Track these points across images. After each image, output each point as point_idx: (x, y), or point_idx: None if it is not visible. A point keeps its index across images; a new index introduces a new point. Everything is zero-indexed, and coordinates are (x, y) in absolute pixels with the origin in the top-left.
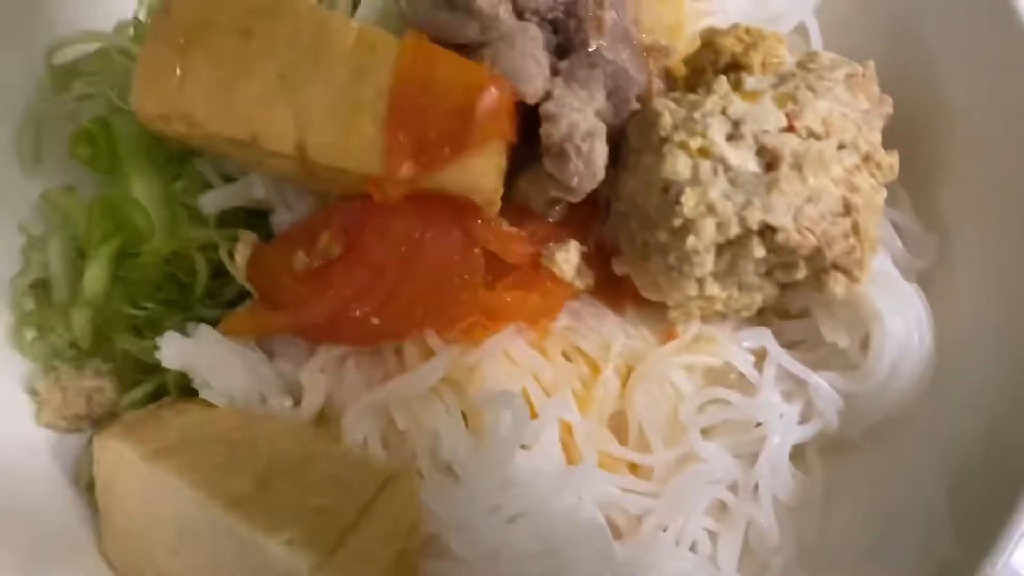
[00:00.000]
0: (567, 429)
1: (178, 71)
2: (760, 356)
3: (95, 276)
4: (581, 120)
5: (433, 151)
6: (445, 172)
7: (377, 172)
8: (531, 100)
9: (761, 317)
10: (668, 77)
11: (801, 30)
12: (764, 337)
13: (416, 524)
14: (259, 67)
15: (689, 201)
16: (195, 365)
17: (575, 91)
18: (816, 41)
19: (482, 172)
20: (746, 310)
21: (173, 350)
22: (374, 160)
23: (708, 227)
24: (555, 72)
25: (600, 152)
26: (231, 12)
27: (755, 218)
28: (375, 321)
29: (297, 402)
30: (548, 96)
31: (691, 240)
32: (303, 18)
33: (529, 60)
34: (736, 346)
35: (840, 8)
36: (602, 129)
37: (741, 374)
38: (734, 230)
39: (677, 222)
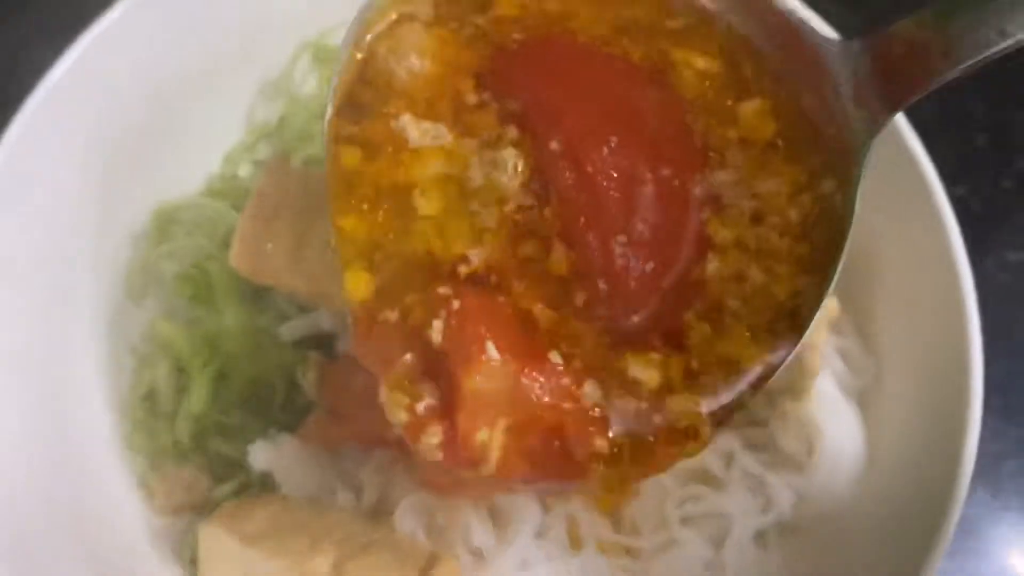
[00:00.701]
0: (573, 521)
1: (266, 240)
2: (729, 458)
3: (199, 396)
4: None
5: None
6: None
7: None
8: None
9: (731, 425)
10: None
11: None
12: (732, 443)
13: None
14: (320, 240)
15: None
16: (277, 467)
17: None
18: None
19: None
20: None
21: (261, 455)
22: None
23: None
24: None
25: None
26: (303, 197)
27: None
28: None
29: (358, 495)
30: None
31: None
32: None
33: None
34: (710, 451)
35: None
36: None
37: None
38: None
39: None
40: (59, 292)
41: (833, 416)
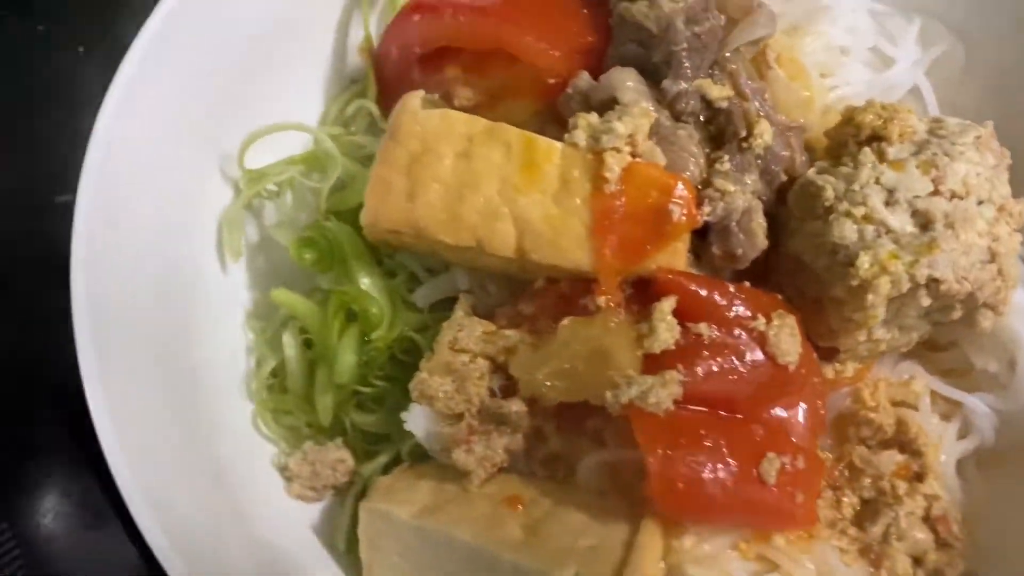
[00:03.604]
0: None
1: (407, 191)
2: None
3: (347, 362)
4: (740, 201)
5: (637, 247)
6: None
7: (586, 267)
8: None
9: (914, 350)
10: (807, 149)
11: (915, 92)
12: (917, 369)
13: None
14: (480, 184)
15: (864, 263)
16: (434, 432)
17: (731, 176)
18: (930, 102)
19: (674, 254)
20: (905, 347)
21: (419, 421)
22: (584, 257)
23: (884, 285)
24: (712, 162)
25: (759, 225)
26: (450, 139)
27: (923, 274)
28: None
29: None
30: (708, 183)
31: (870, 297)
32: (514, 140)
33: (685, 155)
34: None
35: (948, 69)
36: (758, 205)
37: None
38: (905, 285)
39: (854, 282)
40: (172, 266)
41: None
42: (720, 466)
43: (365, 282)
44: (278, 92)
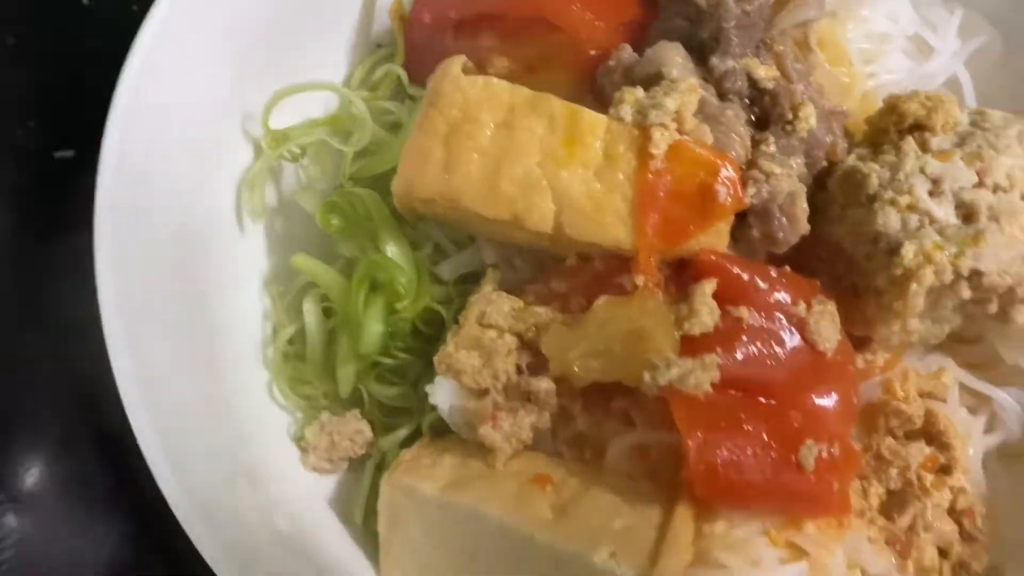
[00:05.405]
0: None
1: (444, 160)
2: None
3: (374, 333)
4: (785, 184)
5: (680, 227)
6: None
7: (626, 246)
8: None
9: (942, 343)
10: (846, 136)
11: (950, 83)
12: (946, 361)
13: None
14: (521, 155)
15: (909, 253)
16: (458, 406)
17: (777, 159)
18: (968, 92)
19: (716, 235)
20: (936, 339)
21: (443, 394)
22: (624, 235)
23: (928, 275)
24: (756, 143)
25: (803, 210)
26: (492, 109)
27: (966, 265)
28: None
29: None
30: (752, 164)
31: (913, 287)
32: (558, 112)
33: (732, 135)
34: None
35: (986, 60)
36: (802, 190)
37: None
38: (948, 277)
39: (898, 271)
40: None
41: None
42: (760, 451)
43: (393, 251)
44: (301, 53)
